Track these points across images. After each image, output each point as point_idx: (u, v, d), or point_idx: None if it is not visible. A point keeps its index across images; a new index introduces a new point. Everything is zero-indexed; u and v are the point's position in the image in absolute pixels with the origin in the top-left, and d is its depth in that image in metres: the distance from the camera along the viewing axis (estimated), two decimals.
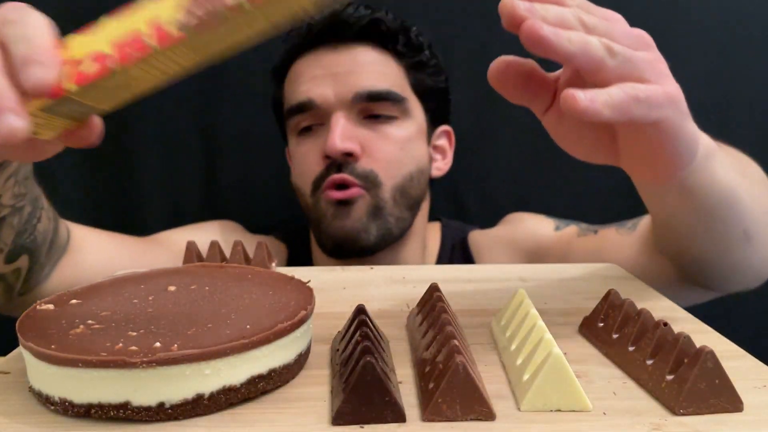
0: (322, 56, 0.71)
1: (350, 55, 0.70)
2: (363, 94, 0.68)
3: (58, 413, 0.29)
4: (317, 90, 0.69)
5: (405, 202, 0.70)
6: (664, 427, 0.28)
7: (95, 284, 0.39)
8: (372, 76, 0.69)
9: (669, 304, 0.47)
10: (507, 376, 0.33)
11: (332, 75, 0.69)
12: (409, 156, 0.70)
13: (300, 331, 0.33)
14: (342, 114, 0.68)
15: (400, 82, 0.71)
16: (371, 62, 0.70)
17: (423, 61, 0.73)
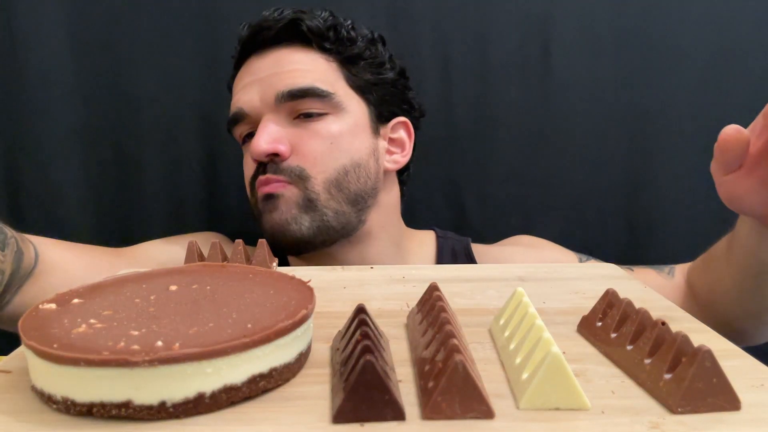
0: (251, 64, 0.72)
1: (274, 57, 0.71)
2: (284, 93, 0.68)
3: (60, 412, 0.29)
4: (245, 98, 0.70)
5: (343, 197, 0.70)
6: (662, 426, 0.28)
7: (97, 283, 0.39)
8: (295, 74, 0.69)
9: (667, 303, 0.47)
10: (506, 375, 0.34)
11: (258, 80, 0.70)
12: (340, 150, 0.70)
13: (301, 330, 0.33)
14: (270, 117, 0.69)
15: (329, 78, 0.71)
16: (294, 62, 0.70)
17: (356, 54, 0.73)
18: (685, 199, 0.93)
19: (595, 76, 0.91)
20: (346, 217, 0.70)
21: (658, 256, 0.94)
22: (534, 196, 0.93)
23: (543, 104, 0.92)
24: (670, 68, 0.91)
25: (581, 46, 0.90)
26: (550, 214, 0.94)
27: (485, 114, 0.92)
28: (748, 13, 0.90)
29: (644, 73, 0.91)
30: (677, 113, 0.92)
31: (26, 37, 0.86)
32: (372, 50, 0.74)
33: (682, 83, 0.91)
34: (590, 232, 0.94)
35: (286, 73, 0.69)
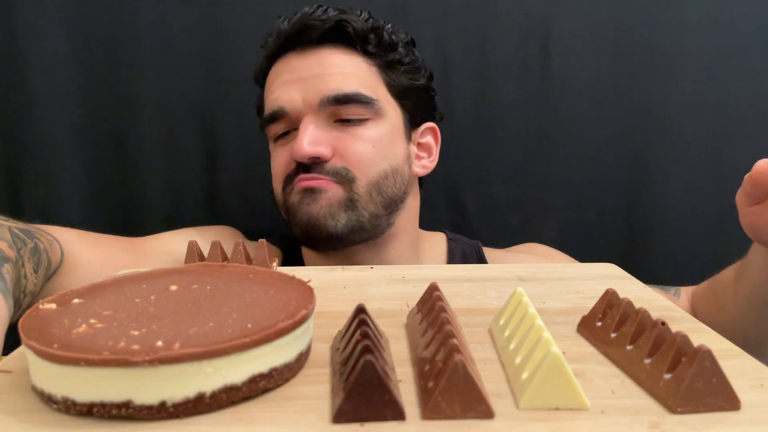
0: (290, 61, 0.71)
1: (317, 58, 0.70)
2: (330, 98, 0.67)
3: (60, 412, 0.30)
4: (286, 96, 0.69)
5: (381, 200, 0.70)
6: (661, 426, 0.28)
7: (97, 283, 0.39)
8: (339, 78, 0.68)
9: (667, 303, 0.47)
10: (506, 375, 0.34)
11: (300, 80, 0.69)
12: (381, 155, 0.70)
13: (301, 330, 0.33)
14: (311, 119, 0.68)
15: (371, 83, 0.71)
16: (338, 65, 0.69)
17: (397, 60, 0.73)
18: (685, 200, 0.93)
19: (595, 76, 0.91)
20: (379, 220, 0.71)
21: (657, 256, 0.94)
22: (534, 196, 0.94)
23: (543, 104, 0.92)
24: (670, 68, 0.91)
25: (581, 46, 0.90)
26: (550, 214, 0.94)
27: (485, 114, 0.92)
28: (748, 13, 0.90)
29: (644, 73, 0.91)
30: (677, 113, 0.92)
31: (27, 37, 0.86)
32: (410, 55, 0.74)
33: (682, 83, 0.91)
34: (590, 232, 0.94)
35: (330, 75, 0.68)
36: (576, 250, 0.93)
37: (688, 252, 0.94)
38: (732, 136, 0.93)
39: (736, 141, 0.93)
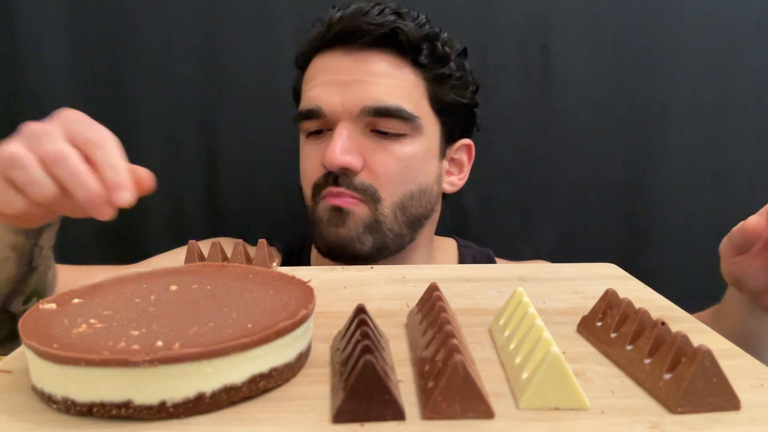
0: (335, 59, 0.68)
1: (364, 63, 0.67)
2: (370, 109, 0.65)
3: (60, 412, 0.30)
4: (325, 97, 0.67)
5: (405, 220, 0.69)
6: (661, 426, 0.28)
7: (97, 283, 0.39)
8: (383, 89, 0.66)
9: (667, 303, 0.47)
10: (506, 375, 0.34)
11: (342, 82, 0.66)
12: (411, 175, 0.68)
13: (301, 330, 0.33)
14: (347, 125, 0.66)
15: (415, 97, 0.68)
16: (385, 74, 0.66)
17: (447, 75, 0.70)
18: (685, 200, 0.93)
19: (595, 76, 0.91)
20: (402, 239, 0.70)
21: (657, 256, 0.94)
22: (534, 196, 0.93)
23: (543, 104, 0.91)
24: (670, 68, 0.91)
25: (581, 46, 0.90)
26: (550, 214, 0.94)
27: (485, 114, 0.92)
28: (748, 13, 0.90)
29: (644, 74, 0.91)
30: (677, 113, 0.92)
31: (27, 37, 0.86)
32: (460, 70, 0.71)
33: (682, 83, 0.91)
34: (590, 232, 0.94)
35: (374, 83, 0.66)
36: (576, 250, 0.93)
37: (688, 252, 0.94)
38: (732, 136, 0.93)
39: (736, 141, 0.93)
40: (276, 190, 0.92)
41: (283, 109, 0.90)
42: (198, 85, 0.89)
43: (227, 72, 0.89)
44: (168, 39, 0.88)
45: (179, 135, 0.90)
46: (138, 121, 0.89)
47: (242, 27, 0.88)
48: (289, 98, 0.90)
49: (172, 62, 0.88)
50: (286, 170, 0.92)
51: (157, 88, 0.88)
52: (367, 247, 0.67)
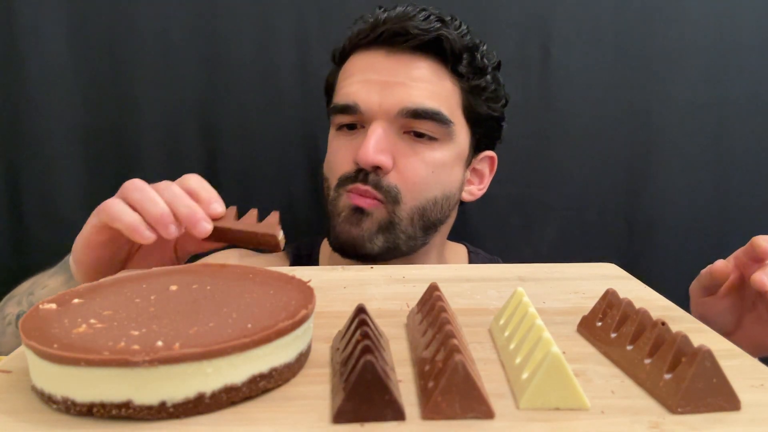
0: (377, 59, 0.69)
1: (406, 66, 0.68)
2: (409, 110, 0.66)
3: (60, 412, 0.30)
4: (363, 95, 0.67)
5: (422, 224, 0.69)
6: (662, 426, 0.28)
7: (97, 283, 0.39)
8: (423, 93, 0.67)
9: (667, 303, 0.47)
10: (506, 375, 0.34)
11: (382, 83, 0.67)
12: (437, 181, 0.69)
13: (301, 330, 0.33)
14: (382, 124, 0.67)
15: (452, 104, 0.69)
16: (425, 79, 0.68)
17: (482, 87, 0.71)
18: (685, 199, 0.93)
19: (595, 76, 0.91)
20: (415, 241, 0.70)
21: (657, 256, 0.94)
22: (534, 196, 0.93)
23: (543, 104, 0.92)
24: (670, 68, 0.91)
25: (581, 46, 0.90)
26: (550, 214, 0.94)
27: None
28: (748, 13, 0.90)
29: (644, 73, 0.91)
30: (677, 113, 0.92)
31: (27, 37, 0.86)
32: (495, 82, 0.73)
33: (682, 83, 0.91)
34: (590, 232, 0.94)
35: (414, 87, 0.67)
36: (576, 250, 0.93)
37: (688, 252, 0.94)
38: (732, 136, 0.93)
39: (736, 141, 0.93)
40: (276, 190, 0.92)
41: (283, 110, 0.90)
42: (198, 85, 0.89)
43: (227, 72, 0.89)
44: (168, 39, 0.88)
45: (179, 135, 0.90)
46: (138, 121, 0.89)
47: (242, 27, 0.88)
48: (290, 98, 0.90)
49: (172, 62, 0.88)
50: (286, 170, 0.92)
51: (157, 88, 0.88)
52: (378, 247, 0.68)
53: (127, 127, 0.89)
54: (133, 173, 0.89)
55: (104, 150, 0.89)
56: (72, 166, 0.89)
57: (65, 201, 0.89)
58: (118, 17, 0.87)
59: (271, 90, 0.89)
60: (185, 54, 0.88)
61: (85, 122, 0.88)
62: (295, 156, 0.92)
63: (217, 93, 0.89)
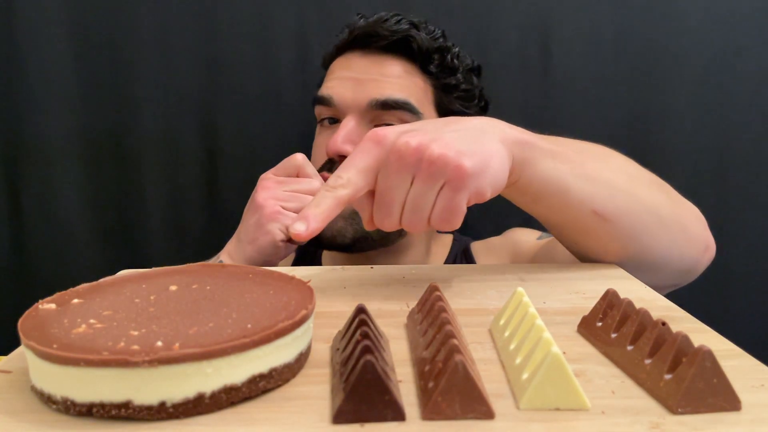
0: (353, 59, 0.74)
1: (378, 65, 0.72)
2: (378, 102, 0.70)
3: (60, 412, 0.30)
4: (338, 89, 0.72)
5: None
6: (662, 426, 0.28)
7: (97, 283, 0.39)
8: (392, 87, 0.71)
9: (668, 303, 0.47)
10: (506, 375, 0.34)
11: (356, 79, 0.72)
12: None
13: (301, 330, 0.33)
14: (353, 117, 0.70)
15: (421, 98, 0.72)
16: (395, 75, 0.72)
17: (453, 85, 0.75)
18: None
19: (595, 76, 0.91)
20: (390, 233, 0.72)
21: None
22: None
23: (543, 104, 0.91)
24: (671, 68, 0.91)
25: (581, 46, 0.90)
26: None
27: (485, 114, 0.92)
28: (748, 13, 0.90)
29: (644, 73, 0.91)
30: (677, 113, 0.92)
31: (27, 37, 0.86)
32: (468, 83, 0.77)
33: (682, 83, 0.91)
34: None
35: (384, 81, 0.71)
36: None
37: None
38: (732, 136, 0.93)
39: (736, 141, 0.93)
40: None
41: (283, 109, 0.90)
42: (198, 85, 0.89)
43: (227, 72, 0.89)
44: (168, 39, 0.88)
45: (179, 135, 0.90)
46: (138, 121, 0.89)
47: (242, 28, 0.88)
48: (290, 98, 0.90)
49: (172, 62, 0.88)
50: None
51: (157, 88, 0.88)
52: (348, 239, 0.70)
53: (127, 127, 0.89)
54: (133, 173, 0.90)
55: (104, 151, 0.89)
56: (72, 166, 0.89)
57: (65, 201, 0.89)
58: (118, 17, 0.87)
59: (271, 90, 0.89)
60: (185, 54, 0.88)
61: (85, 123, 0.88)
62: None
63: (217, 93, 0.89)
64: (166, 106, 0.89)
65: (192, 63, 0.88)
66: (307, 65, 0.89)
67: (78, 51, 0.87)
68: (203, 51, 0.88)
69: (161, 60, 0.88)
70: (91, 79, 0.88)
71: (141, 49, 0.87)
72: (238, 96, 0.89)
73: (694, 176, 0.93)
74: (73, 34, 0.87)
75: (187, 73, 0.88)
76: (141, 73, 0.88)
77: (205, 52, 0.88)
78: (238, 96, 0.89)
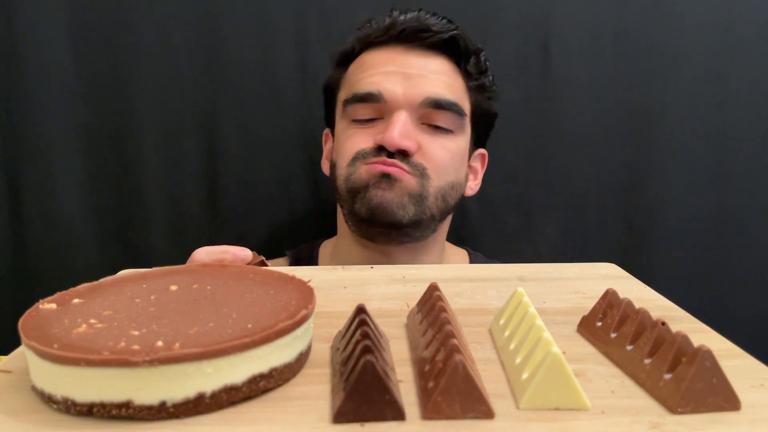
0: (396, 54, 0.72)
1: (424, 60, 0.71)
2: (432, 100, 0.69)
3: (61, 412, 0.30)
4: (387, 84, 0.69)
5: (442, 206, 0.72)
6: (662, 426, 0.28)
7: (97, 283, 0.39)
8: (441, 85, 0.70)
9: (667, 303, 0.47)
10: (506, 375, 0.34)
11: (404, 75, 0.70)
12: (453, 167, 0.72)
13: (301, 330, 0.33)
14: (405, 113, 0.69)
15: (463, 99, 0.73)
16: (442, 72, 0.71)
17: (486, 85, 0.76)
18: (685, 199, 0.93)
19: (595, 76, 0.91)
20: (433, 224, 0.72)
21: (657, 256, 0.94)
22: (534, 196, 0.93)
23: (543, 104, 0.91)
24: (671, 68, 0.91)
25: (581, 46, 0.90)
26: (550, 214, 0.94)
27: None
28: (748, 13, 0.90)
29: (644, 73, 0.91)
30: (677, 113, 0.92)
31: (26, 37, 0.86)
32: (494, 84, 0.78)
33: (682, 83, 0.91)
34: (590, 232, 0.94)
35: (434, 80, 0.70)
36: (576, 250, 0.93)
37: (688, 251, 0.94)
38: (732, 136, 0.93)
39: (736, 141, 0.93)
40: (276, 190, 0.92)
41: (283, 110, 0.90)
42: (198, 85, 0.89)
43: (227, 72, 0.89)
44: (168, 39, 0.88)
45: (179, 135, 0.90)
46: (138, 121, 0.89)
47: (242, 27, 0.88)
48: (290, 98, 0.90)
49: (172, 62, 0.88)
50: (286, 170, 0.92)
51: (157, 88, 0.88)
52: (408, 217, 0.68)
53: (127, 127, 0.89)
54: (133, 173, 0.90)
55: (104, 150, 0.89)
56: (72, 166, 0.89)
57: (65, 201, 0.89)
58: (118, 17, 0.87)
59: (271, 90, 0.89)
60: (185, 54, 0.88)
61: (85, 122, 0.88)
62: (295, 156, 0.92)
63: (217, 93, 0.89)
64: (166, 106, 0.89)
65: (192, 63, 0.88)
66: (307, 65, 0.89)
67: (78, 51, 0.87)
68: (203, 51, 0.88)
69: (161, 60, 0.88)
70: (91, 79, 0.87)
71: (141, 49, 0.87)
72: (238, 96, 0.89)
73: (694, 176, 0.93)
74: (73, 34, 0.87)
75: (187, 73, 0.88)
76: (141, 73, 0.88)
77: (205, 52, 0.88)
78: (238, 96, 0.89)
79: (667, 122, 0.92)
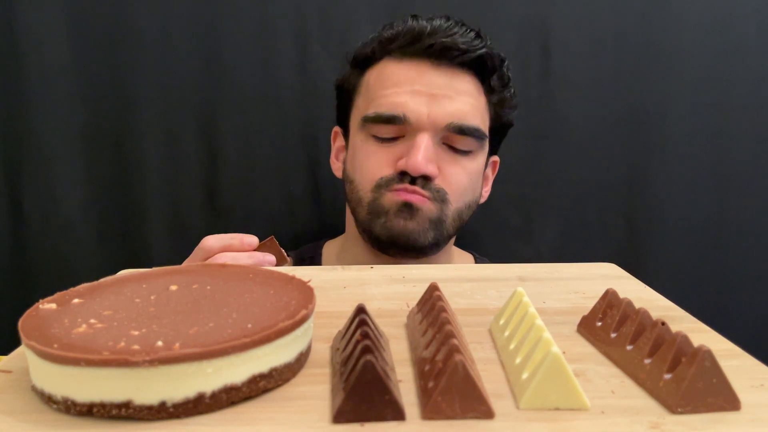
0: (424, 70, 0.69)
1: (450, 79, 0.70)
2: (456, 125, 0.68)
3: (60, 412, 0.30)
4: (413, 106, 0.68)
5: (458, 225, 0.73)
6: (661, 426, 0.28)
7: (97, 283, 0.39)
8: (467, 108, 0.70)
9: (667, 303, 0.47)
10: (506, 375, 0.34)
11: (430, 95, 0.69)
12: (472, 187, 0.73)
13: (301, 330, 0.33)
14: (429, 135, 0.68)
15: (485, 119, 0.73)
16: (468, 92, 0.70)
17: (507, 99, 0.75)
18: (685, 199, 0.93)
19: (595, 76, 0.91)
20: (449, 240, 0.74)
21: (658, 256, 0.94)
22: (534, 196, 0.94)
23: (543, 104, 0.92)
24: (670, 68, 0.91)
25: (581, 46, 0.90)
26: (550, 214, 0.94)
27: None
28: (748, 13, 0.90)
29: (644, 73, 0.91)
30: (677, 113, 0.92)
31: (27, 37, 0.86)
32: (515, 96, 0.77)
33: (682, 83, 0.91)
34: (590, 232, 0.94)
35: (459, 100, 0.69)
36: (576, 250, 0.93)
37: (688, 252, 0.94)
38: (732, 136, 0.93)
39: (736, 141, 0.93)
40: (276, 190, 0.92)
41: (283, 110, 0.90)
42: (198, 85, 0.89)
43: (227, 72, 0.89)
44: (168, 39, 0.88)
45: (179, 135, 0.90)
46: (138, 121, 0.89)
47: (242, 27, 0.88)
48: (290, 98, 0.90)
49: (172, 62, 0.88)
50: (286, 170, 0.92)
51: (157, 88, 0.88)
52: (428, 242, 0.70)
53: (127, 127, 0.89)
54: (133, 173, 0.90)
55: (104, 150, 0.89)
56: (72, 166, 0.89)
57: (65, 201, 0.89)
58: (118, 17, 0.87)
59: (271, 90, 0.89)
60: (185, 54, 0.88)
61: (85, 122, 0.88)
62: (295, 156, 0.92)
63: (217, 93, 0.89)
64: (166, 106, 0.89)
65: (192, 63, 0.88)
66: (307, 65, 0.89)
67: (78, 51, 0.87)
68: (203, 51, 0.88)
69: (161, 60, 0.88)
70: (91, 79, 0.88)
71: (141, 49, 0.87)
72: (238, 96, 0.89)
73: (694, 176, 0.93)
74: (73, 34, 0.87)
75: (187, 73, 0.88)
76: (141, 73, 0.88)
77: (205, 52, 0.88)
78: (238, 96, 0.89)
79: (667, 122, 0.92)
